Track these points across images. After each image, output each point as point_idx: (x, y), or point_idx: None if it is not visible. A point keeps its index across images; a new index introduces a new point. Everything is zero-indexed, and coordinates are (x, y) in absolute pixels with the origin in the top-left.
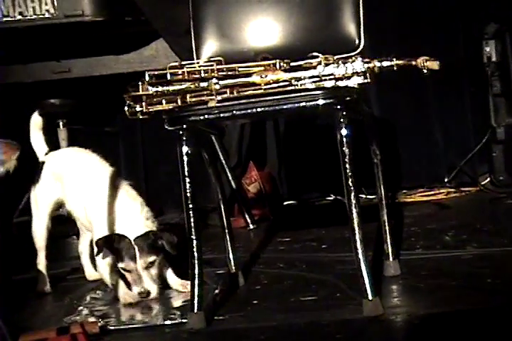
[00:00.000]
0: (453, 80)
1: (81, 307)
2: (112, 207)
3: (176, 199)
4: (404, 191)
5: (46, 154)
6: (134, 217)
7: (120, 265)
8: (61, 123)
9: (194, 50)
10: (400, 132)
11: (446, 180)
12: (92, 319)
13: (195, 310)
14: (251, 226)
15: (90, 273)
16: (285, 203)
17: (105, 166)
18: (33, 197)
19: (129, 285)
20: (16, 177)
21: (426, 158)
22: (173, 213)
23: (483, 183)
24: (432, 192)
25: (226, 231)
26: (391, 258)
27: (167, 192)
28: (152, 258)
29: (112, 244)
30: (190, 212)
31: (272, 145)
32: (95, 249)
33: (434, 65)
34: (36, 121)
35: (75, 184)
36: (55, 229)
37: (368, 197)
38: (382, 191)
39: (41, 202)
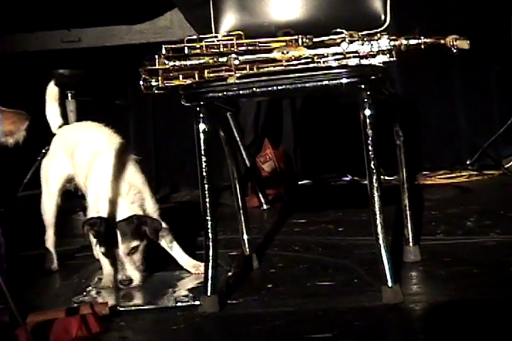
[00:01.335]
0: (479, 59)
1: (90, 288)
2: (108, 185)
3: (188, 176)
4: (424, 173)
5: (60, 127)
6: (119, 199)
7: (101, 250)
8: (70, 95)
9: (212, 23)
10: (422, 112)
11: (468, 162)
12: (101, 300)
13: (209, 293)
14: (265, 207)
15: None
16: (300, 183)
17: (112, 142)
18: (43, 172)
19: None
20: (21, 150)
21: (448, 139)
22: (185, 190)
23: (506, 166)
24: (453, 175)
25: (240, 211)
26: (411, 244)
27: (179, 169)
28: (135, 243)
29: (94, 228)
30: (206, 192)
31: (287, 123)
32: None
33: (464, 44)
34: (52, 91)
35: (82, 159)
36: (63, 204)
37: (386, 178)
38: (404, 174)
39: (51, 178)
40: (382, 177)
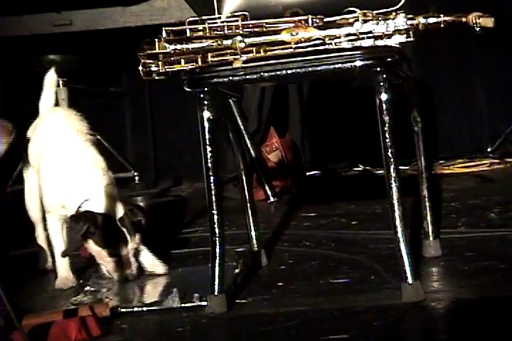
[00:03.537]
0: (500, 38)
1: (88, 287)
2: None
3: (188, 167)
4: (441, 161)
5: None
6: (106, 192)
7: (109, 251)
8: (61, 82)
9: (215, 4)
10: (439, 96)
11: (489, 149)
12: (101, 300)
13: (216, 293)
14: (271, 199)
15: None
16: (308, 174)
17: (67, 122)
18: (24, 165)
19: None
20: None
21: (467, 125)
22: (186, 183)
23: None
24: (473, 163)
25: (248, 205)
26: (431, 238)
27: (178, 160)
28: (139, 239)
29: (96, 225)
30: (212, 184)
31: (294, 109)
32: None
33: (488, 21)
34: (51, 79)
35: (35, 144)
36: None
37: (400, 167)
38: (423, 163)
39: (31, 171)
40: None
